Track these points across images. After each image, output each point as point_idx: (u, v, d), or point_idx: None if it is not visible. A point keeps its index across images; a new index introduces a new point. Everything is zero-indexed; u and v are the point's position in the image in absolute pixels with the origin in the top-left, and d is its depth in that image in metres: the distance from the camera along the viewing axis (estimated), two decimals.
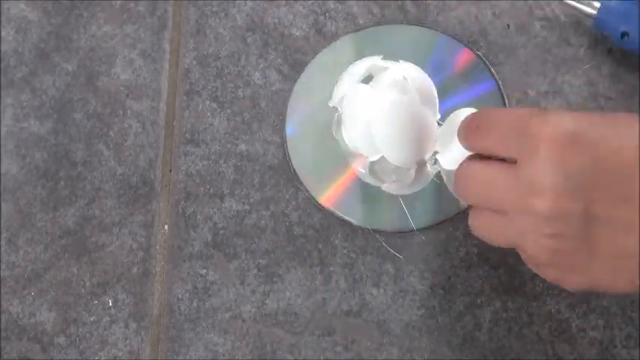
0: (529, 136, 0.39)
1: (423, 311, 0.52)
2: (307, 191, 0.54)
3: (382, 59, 0.53)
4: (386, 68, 0.53)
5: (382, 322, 0.52)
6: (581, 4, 0.54)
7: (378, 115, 0.51)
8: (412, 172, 0.53)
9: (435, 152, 0.51)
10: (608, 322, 0.52)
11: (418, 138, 0.50)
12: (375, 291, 0.53)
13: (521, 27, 0.57)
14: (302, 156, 0.55)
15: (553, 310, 0.52)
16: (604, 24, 0.54)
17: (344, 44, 0.58)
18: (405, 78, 0.51)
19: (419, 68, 0.53)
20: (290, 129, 0.56)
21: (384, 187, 0.54)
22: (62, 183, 0.56)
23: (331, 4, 0.60)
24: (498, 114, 0.43)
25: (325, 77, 0.57)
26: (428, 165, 0.53)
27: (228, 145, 0.57)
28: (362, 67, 0.53)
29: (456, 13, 0.58)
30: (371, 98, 0.51)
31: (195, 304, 0.53)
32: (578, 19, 0.56)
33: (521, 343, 0.51)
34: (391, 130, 0.50)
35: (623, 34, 0.53)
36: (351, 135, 0.53)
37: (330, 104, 0.54)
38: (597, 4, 0.54)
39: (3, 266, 0.54)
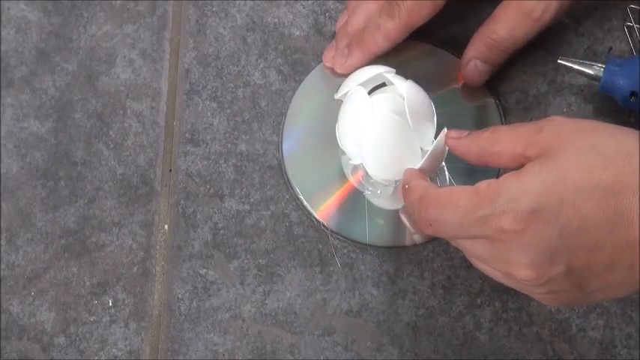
0: (495, 230, 0.41)
1: (423, 311, 0.52)
2: (305, 208, 0.55)
3: (394, 75, 0.53)
4: (391, 84, 0.53)
5: (382, 322, 0.52)
6: (586, 67, 0.54)
7: (369, 125, 0.51)
8: (391, 189, 0.53)
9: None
10: (608, 322, 0.52)
11: (400, 159, 0.51)
12: (375, 291, 0.53)
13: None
14: (300, 170, 0.56)
15: (553, 310, 0.52)
16: (610, 86, 0.53)
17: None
18: (403, 99, 0.51)
19: (421, 89, 0.52)
20: (287, 144, 0.56)
21: (366, 193, 0.54)
22: (62, 183, 0.56)
23: (331, 4, 0.60)
24: (447, 214, 0.43)
25: (324, 89, 0.57)
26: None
27: (228, 145, 0.57)
28: (371, 72, 0.53)
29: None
30: (367, 106, 0.51)
31: (195, 304, 0.53)
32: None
33: (521, 343, 0.51)
34: (376, 143, 0.51)
35: (632, 94, 0.52)
36: (341, 133, 0.53)
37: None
38: (601, 67, 0.53)
39: (3, 266, 0.54)
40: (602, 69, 0.53)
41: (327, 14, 0.60)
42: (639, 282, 0.40)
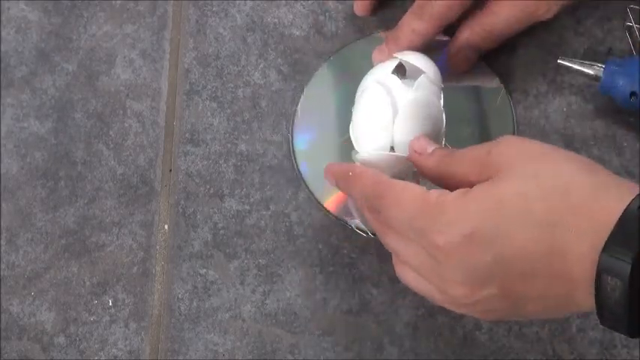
0: (430, 244, 0.41)
1: (423, 311, 0.52)
2: (312, 194, 0.55)
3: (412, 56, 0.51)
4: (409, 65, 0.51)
5: (382, 322, 0.52)
6: (586, 67, 0.54)
7: (398, 113, 0.49)
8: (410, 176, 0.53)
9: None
10: None
11: (434, 131, 0.49)
12: (375, 291, 0.53)
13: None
14: (310, 160, 0.56)
15: None
16: (610, 86, 0.53)
17: (351, 51, 0.58)
18: (422, 72, 0.50)
19: (426, 57, 0.51)
20: (298, 140, 0.56)
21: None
22: (62, 183, 0.56)
23: (331, 4, 0.60)
24: (395, 210, 0.43)
25: (334, 85, 0.57)
26: None
27: (228, 145, 0.57)
28: (391, 65, 0.51)
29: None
30: (386, 98, 0.50)
31: (195, 304, 0.53)
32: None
33: (521, 343, 0.51)
34: (411, 125, 0.49)
35: (632, 94, 0.52)
36: (357, 130, 0.52)
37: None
38: (601, 67, 0.53)
39: (3, 266, 0.54)
40: (602, 69, 0.53)
41: (327, 14, 0.60)
42: (576, 309, 0.41)
